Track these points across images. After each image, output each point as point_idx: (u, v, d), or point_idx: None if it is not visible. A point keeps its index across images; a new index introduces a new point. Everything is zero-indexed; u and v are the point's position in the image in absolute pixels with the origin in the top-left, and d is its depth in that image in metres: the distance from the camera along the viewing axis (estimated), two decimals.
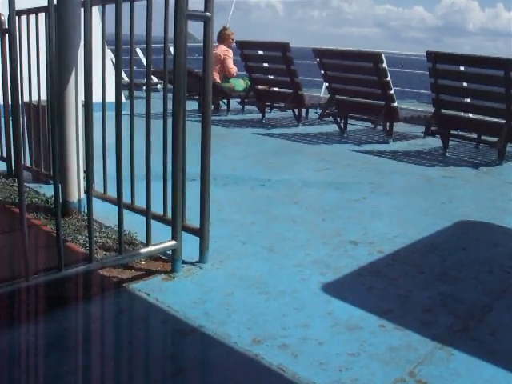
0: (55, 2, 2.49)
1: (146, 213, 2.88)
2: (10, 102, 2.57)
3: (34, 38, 3.96)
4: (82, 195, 3.71)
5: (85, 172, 3.44)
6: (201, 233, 3.03)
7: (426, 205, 4.50)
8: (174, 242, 2.89)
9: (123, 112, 2.72)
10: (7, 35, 4.25)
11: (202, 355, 2.26)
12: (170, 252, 2.98)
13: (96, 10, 3.36)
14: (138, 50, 11.77)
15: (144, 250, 2.87)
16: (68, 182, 3.69)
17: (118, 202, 2.75)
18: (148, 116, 2.81)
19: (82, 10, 2.69)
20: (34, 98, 4.24)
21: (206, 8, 2.79)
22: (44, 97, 3.95)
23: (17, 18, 3.99)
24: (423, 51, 6.80)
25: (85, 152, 2.86)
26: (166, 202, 3.08)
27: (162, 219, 3.11)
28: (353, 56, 7.90)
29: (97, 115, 3.31)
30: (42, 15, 3.74)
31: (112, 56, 8.47)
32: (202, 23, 2.85)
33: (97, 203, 3.20)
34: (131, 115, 2.95)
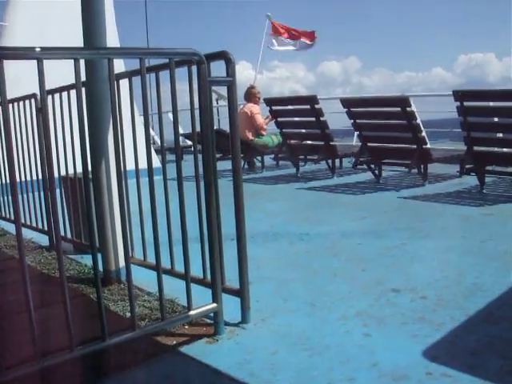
0: (83, 79, 2.59)
1: (186, 277, 2.91)
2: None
3: (67, 113, 4.08)
4: (123, 263, 3.76)
5: None
6: (241, 293, 3.04)
7: (467, 245, 4.45)
8: (214, 305, 2.92)
9: (158, 177, 2.77)
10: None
11: None
12: (211, 314, 3.00)
13: (126, 82, 3.46)
14: (170, 115, 11.98)
15: (185, 315, 2.89)
16: (108, 251, 3.77)
17: (156, 269, 2.79)
18: (180, 181, 2.87)
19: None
20: (72, 170, 4.35)
21: (228, 73, 2.86)
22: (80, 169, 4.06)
23: (50, 96, 4.17)
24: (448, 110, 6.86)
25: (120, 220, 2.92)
26: (204, 265, 3.11)
27: (201, 282, 3.14)
28: (380, 102, 7.95)
29: (133, 182, 3.39)
30: (73, 91, 3.87)
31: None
32: None
33: (139, 270, 3.27)
34: (164, 179, 2.99)
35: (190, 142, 12.29)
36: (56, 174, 4.27)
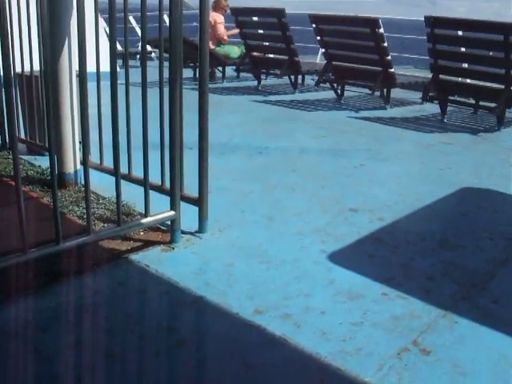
0: None
1: (144, 183, 2.84)
2: (1, 72, 2.49)
3: (24, 8, 3.86)
4: (79, 166, 3.66)
5: (80, 143, 3.38)
6: (200, 202, 2.99)
7: (425, 171, 4.46)
8: (172, 213, 2.86)
9: (118, 81, 2.66)
10: None
11: (203, 326, 2.24)
12: (168, 222, 2.95)
13: None
14: (131, 19, 11.57)
15: (142, 221, 2.84)
16: (64, 154, 3.64)
17: (115, 172, 2.71)
18: (144, 84, 2.75)
19: None
20: (27, 68, 4.16)
21: None
22: (37, 67, 3.87)
23: None
24: (419, 13, 6.71)
25: (80, 122, 2.80)
26: (163, 172, 3.03)
27: (160, 189, 3.07)
28: (349, 21, 7.78)
29: (92, 85, 3.25)
30: None
31: (105, 25, 8.36)
32: None
33: (93, 174, 3.16)
34: (126, 84, 2.88)
35: (149, 48, 11.94)
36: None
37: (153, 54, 11.17)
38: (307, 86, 9.18)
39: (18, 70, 4.23)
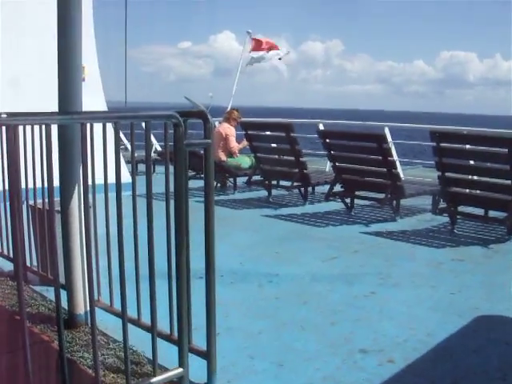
0: None
1: (152, 333, 2.82)
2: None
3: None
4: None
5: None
6: (208, 356, 2.97)
7: (436, 297, 4.46)
8: (180, 370, 2.83)
9: (126, 193, 2.65)
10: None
11: None
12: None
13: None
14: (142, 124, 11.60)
15: (152, 381, 2.81)
16: (74, 293, 3.64)
17: (123, 329, 2.71)
18: (150, 209, 2.71)
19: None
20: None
21: (206, 135, 2.81)
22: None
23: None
24: (425, 104, 6.86)
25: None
26: (172, 321, 3.01)
27: (168, 338, 3.05)
28: (357, 137, 7.95)
29: (100, 197, 3.18)
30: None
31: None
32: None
33: (104, 314, 3.16)
34: (133, 198, 2.78)
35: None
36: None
37: None
38: (317, 194, 9.22)
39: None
